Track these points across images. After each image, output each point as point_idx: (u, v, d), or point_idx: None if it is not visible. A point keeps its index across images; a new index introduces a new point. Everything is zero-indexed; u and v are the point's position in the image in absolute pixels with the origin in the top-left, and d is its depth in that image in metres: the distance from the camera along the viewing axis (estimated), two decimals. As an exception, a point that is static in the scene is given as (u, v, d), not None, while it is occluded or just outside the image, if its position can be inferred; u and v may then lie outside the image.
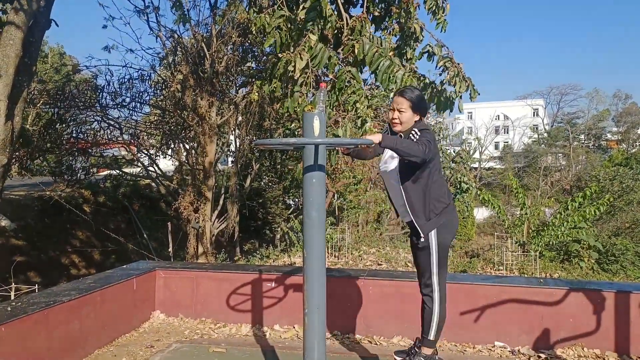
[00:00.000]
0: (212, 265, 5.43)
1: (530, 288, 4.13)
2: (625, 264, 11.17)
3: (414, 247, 2.80)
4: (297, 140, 2.27)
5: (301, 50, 3.80)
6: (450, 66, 4.26)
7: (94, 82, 12.53)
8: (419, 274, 2.82)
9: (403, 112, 2.73)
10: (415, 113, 2.75)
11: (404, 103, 2.73)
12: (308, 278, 2.36)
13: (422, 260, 2.75)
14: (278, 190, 17.55)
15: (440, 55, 4.31)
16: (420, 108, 2.76)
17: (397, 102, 2.76)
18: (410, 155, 2.50)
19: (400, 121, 2.74)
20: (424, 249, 2.72)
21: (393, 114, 2.77)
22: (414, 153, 2.48)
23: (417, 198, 2.66)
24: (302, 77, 3.99)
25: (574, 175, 35.98)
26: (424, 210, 2.65)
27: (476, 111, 55.11)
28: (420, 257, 2.76)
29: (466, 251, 14.07)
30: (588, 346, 3.87)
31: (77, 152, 12.45)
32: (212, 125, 10.49)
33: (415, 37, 4.38)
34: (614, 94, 57.38)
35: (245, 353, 3.85)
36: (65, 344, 3.47)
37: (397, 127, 2.77)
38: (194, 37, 10.60)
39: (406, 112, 2.73)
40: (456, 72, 4.24)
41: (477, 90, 4.35)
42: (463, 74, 4.26)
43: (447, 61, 4.29)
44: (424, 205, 2.65)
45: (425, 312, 2.76)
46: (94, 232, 13.56)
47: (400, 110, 2.73)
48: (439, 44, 4.37)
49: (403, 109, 2.73)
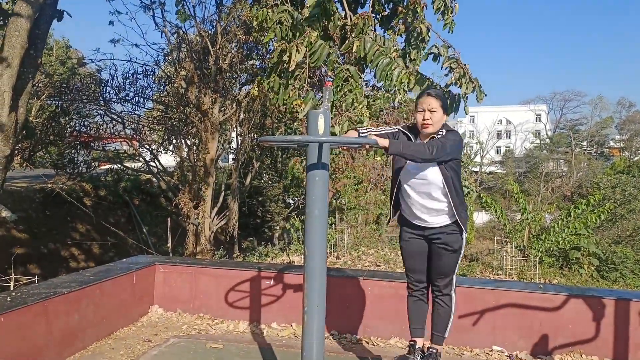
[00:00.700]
0: (212, 262, 5.44)
1: (529, 293, 4.12)
2: (624, 272, 11.16)
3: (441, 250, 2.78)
4: (302, 138, 2.28)
5: (299, 43, 3.79)
6: (456, 67, 4.19)
7: (98, 76, 12.56)
8: (431, 275, 2.85)
9: (435, 112, 2.67)
10: (444, 113, 2.72)
11: (435, 103, 2.67)
12: (308, 276, 2.36)
13: (450, 262, 2.79)
14: (278, 188, 17.56)
15: (446, 56, 4.26)
16: (446, 107, 2.76)
17: (428, 103, 2.68)
18: (418, 159, 2.52)
19: (432, 122, 2.68)
20: (457, 251, 2.77)
21: (424, 115, 2.69)
22: (421, 155, 2.50)
23: (459, 198, 2.70)
24: (298, 70, 3.97)
25: (575, 181, 35.95)
26: (464, 209, 2.71)
27: (478, 115, 55.06)
28: (449, 259, 2.79)
29: (465, 255, 14.06)
30: (586, 353, 3.86)
31: (79, 145, 12.49)
32: (215, 122, 10.50)
33: (421, 37, 4.35)
34: (617, 101, 57.32)
35: (242, 350, 3.85)
36: (64, 335, 3.47)
37: (429, 129, 2.70)
38: (199, 33, 10.61)
39: (438, 112, 2.68)
40: (462, 73, 4.18)
41: (484, 91, 4.30)
42: (469, 75, 4.19)
43: (452, 62, 4.23)
44: (463, 204, 2.71)
45: (443, 311, 2.82)
46: (94, 226, 13.57)
47: (432, 111, 2.67)
48: (445, 44, 4.32)
49: (435, 109, 2.67)
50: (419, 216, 2.82)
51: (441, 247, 2.80)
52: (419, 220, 2.82)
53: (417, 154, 2.50)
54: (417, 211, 2.80)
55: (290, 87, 4.15)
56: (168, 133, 12.57)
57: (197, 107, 10.50)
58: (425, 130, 2.72)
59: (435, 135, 2.68)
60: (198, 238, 10.85)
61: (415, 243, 2.86)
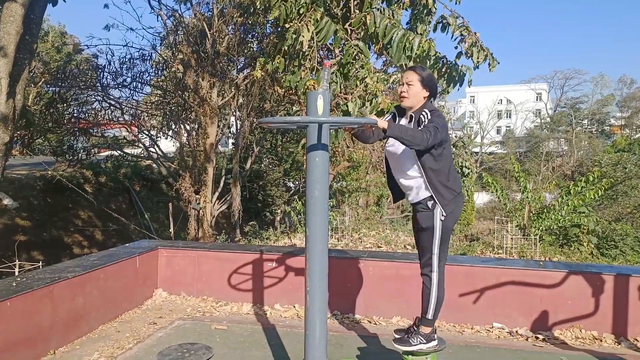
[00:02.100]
0: (214, 245, 5.47)
1: (529, 271, 4.16)
2: (624, 249, 11.22)
3: (419, 227, 2.80)
4: (301, 119, 2.27)
5: (307, 21, 3.73)
6: (467, 35, 4.09)
7: (94, 61, 12.44)
8: (420, 255, 2.85)
9: (411, 85, 2.74)
10: (424, 89, 2.75)
11: (413, 76, 2.76)
12: (310, 257, 2.37)
13: (425, 241, 2.77)
14: (278, 172, 17.57)
15: (455, 25, 4.14)
16: (430, 85, 2.76)
17: (406, 76, 2.79)
18: (414, 145, 2.53)
19: (408, 94, 2.75)
20: (427, 229, 2.73)
21: (401, 88, 2.79)
22: (417, 142, 2.51)
23: (436, 176, 2.70)
24: (307, 50, 3.92)
25: (575, 160, 35.92)
26: (445, 188, 2.69)
27: (478, 95, 54.71)
28: (423, 238, 2.78)
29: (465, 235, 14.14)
30: (586, 328, 3.92)
31: (78, 132, 12.42)
32: (213, 106, 10.44)
33: (427, 10, 4.26)
34: (619, 78, 56.96)
35: (246, 330, 3.90)
36: (69, 318, 3.52)
37: (405, 102, 2.78)
38: (195, 16, 10.48)
39: (414, 86, 2.74)
40: (473, 41, 4.08)
41: (496, 59, 4.17)
42: (481, 43, 4.09)
43: (463, 30, 4.11)
44: (443, 183, 2.69)
45: (425, 292, 2.79)
46: (96, 212, 13.62)
47: (409, 84, 2.74)
48: (453, 14, 4.19)
49: (412, 82, 2.74)
50: (403, 189, 2.90)
51: (416, 224, 2.85)
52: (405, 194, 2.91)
53: (414, 140, 2.50)
54: (400, 183, 2.89)
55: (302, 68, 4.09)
56: (167, 118, 12.50)
57: (195, 92, 10.43)
58: (402, 102, 2.80)
59: (422, 114, 2.67)
60: (200, 223, 10.88)
61: (413, 218, 2.90)
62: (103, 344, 3.53)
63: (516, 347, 3.68)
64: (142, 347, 3.48)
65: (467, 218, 21.16)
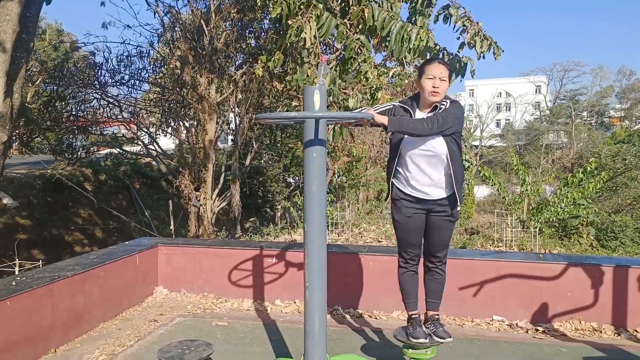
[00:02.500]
0: (214, 242, 5.48)
1: (528, 263, 4.17)
2: (624, 241, 11.24)
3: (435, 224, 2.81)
4: (298, 114, 2.26)
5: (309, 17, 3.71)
6: (470, 25, 4.05)
7: (92, 59, 12.40)
8: (430, 248, 2.88)
9: (444, 81, 2.65)
10: (449, 81, 2.72)
11: (445, 72, 2.65)
12: (309, 252, 2.37)
13: (450, 232, 2.87)
14: (278, 168, 17.56)
15: (457, 15, 4.08)
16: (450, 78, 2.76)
17: (440, 71, 2.64)
18: (417, 135, 2.54)
19: (441, 90, 2.66)
20: (452, 222, 2.82)
21: (434, 82, 2.65)
22: (419, 132, 2.53)
23: (460, 171, 2.72)
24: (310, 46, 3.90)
25: (575, 152, 35.89)
26: (463, 183, 2.73)
27: (477, 88, 54.61)
28: (442, 233, 2.84)
29: (465, 228, 14.14)
30: (585, 320, 3.93)
31: (77, 130, 12.42)
32: (212, 103, 10.42)
33: (427, 1, 4.22)
34: (618, 70, 56.77)
35: (247, 327, 3.91)
36: (70, 317, 3.53)
37: (437, 97, 2.67)
38: (192, 12, 10.44)
39: (446, 82, 2.66)
40: (476, 31, 4.03)
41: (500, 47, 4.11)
42: (484, 32, 4.04)
43: (465, 20, 4.07)
44: (463, 178, 2.73)
45: (442, 279, 2.92)
46: (96, 210, 13.63)
47: (442, 79, 2.64)
48: (454, 4, 4.14)
49: (444, 78, 2.65)
50: (421, 189, 2.79)
51: (444, 219, 2.82)
52: (421, 193, 2.80)
53: (417, 131, 2.52)
54: (420, 183, 2.78)
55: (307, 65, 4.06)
56: (165, 115, 12.49)
57: (194, 88, 10.41)
58: (433, 98, 2.68)
59: (438, 105, 2.66)
60: (200, 220, 10.90)
61: (418, 218, 2.83)
62: (104, 341, 3.54)
63: (516, 340, 3.69)
64: (143, 345, 3.49)
65: (467, 211, 21.17)
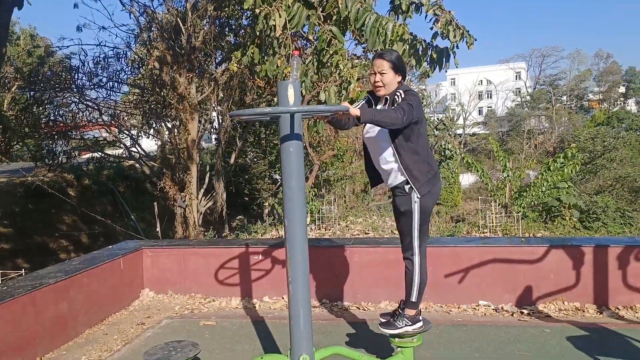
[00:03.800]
0: (199, 242, 5.45)
1: (512, 247, 4.23)
2: (606, 221, 11.46)
3: (398, 211, 2.82)
4: (272, 110, 2.25)
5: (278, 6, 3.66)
6: (441, 13, 4.02)
7: (68, 62, 12.20)
8: (402, 239, 2.86)
9: (385, 74, 2.71)
10: (397, 74, 2.74)
11: (384, 65, 2.71)
12: (290, 247, 2.37)
13: (405, 225, 2.79)
14: (263, 165, 17.50)
15: (428, 4, 4.04)
16: (401, 69, 2.76)
17: (377, 65, 2.73)
18: (389, 125, 2.53)
19: (383, 84, 2.73)
20: (406, 213, 2.75)
21: (375, 77, 2.74)
22: (392, 121, 2.51)
23: (411, 158, 2.70)
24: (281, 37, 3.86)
25: (557, 137, 36.42)
26: (419, 170, 2.69)
27: (459, 77, 54.93)
28: (403, 221, 2.80)
29: (452, 216, 14.29)
30: (569, 300, 4.00)
31: (56, 135, 12.22)
32: (192, 102, 10.32)
33: None
34: (595, 53, 57.50)
35: (235, 325, 3.91)
36: (55, 324, 3.48)
37: (381, 91, 2.75)
38: (168, 11, 10.31)
39: (388, 74, 2.71)
40: (448, 20, 4.01)
41: (473, 36, 4.09)
42: (456, 21, 4.02)
43: (436, 8, 4.04)
44: (418, 165, 2.69)
45: (407, 275, 2.81)
46: (80, 216, 13.45)
47: (382, 73, 2.71)
48: None
49: (384, 71, 2.71)
50: (382, 173, 2.88)
51: (395, 208, 2.85)
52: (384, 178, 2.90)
53: (389, 120, 2.51)
54: (379, 167, 2.87)
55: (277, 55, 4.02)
56: (147, 117, 12.35)
57: (174, 88, 10.30)
58: (377, 92, 2.77)
59: (396, 95, 2.68)
60: (186, 220, 10.83)
61: (393, 203, 2.91)
62: (90, 347, 3.50)
63: (502, 323, 3.75)
64: (130, 348, 3.47)
65: (453, 199, 21.37)
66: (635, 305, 3.86)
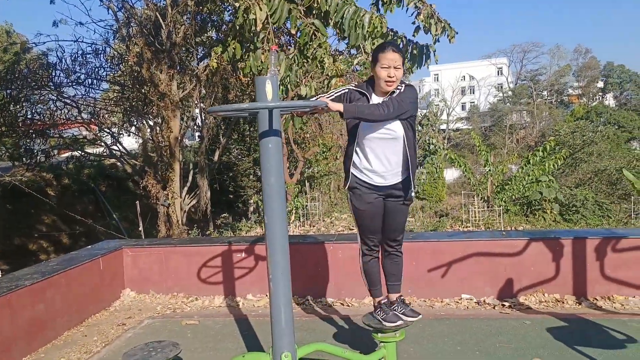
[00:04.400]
0: (181, 240, 5.38)
1: (494, 241, 4.27)
2: (585, 214, 11.67)
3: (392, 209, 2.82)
4: (250, 105, 2.22)
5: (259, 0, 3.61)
6: (422, 6, 3.96)
7: (45, 59, 11.92)
8: (390, 233, 2.87)
9: (399, 69, 2.59)
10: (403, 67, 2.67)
11: (399, 59, 2.59)
12: (270, 244, 2.35)
13: (403, 218, 2.87)
14: (248, 162, 17.39)
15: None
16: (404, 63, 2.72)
17: (395, 59, 2.57)
18: (374, 120, 2.51)
19: (396, 79, 2.61)
20: (407, 206, 2.83)
21: (390, 72, 2.59)
22: (377, 118, 2.48)
23: (415, 154, 2.73)
24: (263, 31, 3.81)
25: (538, 131, 36.95)
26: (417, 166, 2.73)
27: (442, 73, 55.29)
28: (398, 218, 2.84)
29: (435, 211, 14.41)
30: (548, 292, 4.06)
31: (34, 134, 11.94)
32: (174, 99, 10.19)
33: None
34: (574, 49, 58.50)
35: (218, 324, 3.87)
36: (32, 327, 3.41)
37: (393, 86, 2.62)
38: (147, 6, 10.15)
39: (401, 69, 2.61)
40: (429, 12, 3.95)
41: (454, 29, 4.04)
42: (437, 14, 3.98)
43: (417, 1, 3.98)
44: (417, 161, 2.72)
45: (401, 260, 2.93)
46: (61, 216, 13.21)
47: (397, 68, 2.58)
48: None
49: (399, 66, 2.58)
50: (379, 175, 2.77)
51: (400, 203, 2.83)
52: (380, 178, 2.77)
53: (374, 117, 2.48)
54: (378, 168, 2.75)
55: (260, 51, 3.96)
56: (128, 114, 12.15)
57: (155, 85, 10.14)
58: (388, 87, 2.64)
59: (397, 89, 2.64)
60: (170, 219, 10.70)
61: (378, 204, 2.82)
62: (69, 349, 3.44)
63: (484, 316, 3.79)
64: (111, 349, 3.41)
65: (438, 194, 21.55)
66: (613, 296, 3.94)
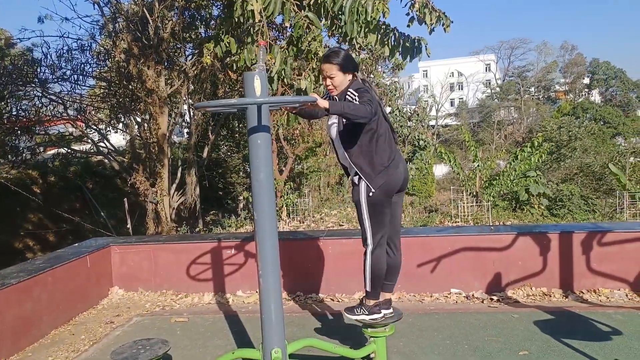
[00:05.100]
0: (169, 237, 5.35)
1: (482, 236, 4.31)
2: (572, 208, 11.82)
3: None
4: (238, 101, 2.20)
5: None
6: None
7: (30, 55, 11.72)
8: None
9: (334, 77, 2.75)
10: (346, 73, 2.77)
11: (332, 69, 2.74)
12: (260, 240, 2.34)
13: (358, 216, 2.85)
14: (238, 159, 17.32)
15: None
16: (350, 67, 2.77)
17: (326, 70, 2.77)
18: (358, 117, 2.54)
19: (334, 86, 2.78)
20: (356, 204, 2.79)
21: (325, 82, 2.80)
22: (361, 114, 2.52)
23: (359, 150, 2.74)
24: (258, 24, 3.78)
25: (525, 127, 37.29)
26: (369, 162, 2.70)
27: (431, 69, 55.54)
28: (357, 213, 2.85)
29: (425, 207, 14.48)
30: (536, 285, 4.11)
31: (19, 130, 11.75)
32: (162, 95, 10.09)
33: None
34: (561, 45, 58.97)
35: (207, 321, 3.86)
36: (18, 326, 3.36)
37: (334, 93, 2.81)
38: (134, 2, 10.02)
39: (337, 76, 2.76)
40: (424, 2, 3.97)
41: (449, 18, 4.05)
42: (432, 4, 4.00)
43: None
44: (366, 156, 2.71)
45: (363, 265, 2.83)
46: (47, 214, 13.03)
47: (331, 77, 2.76)
48: None
49: (333, 74, 2.75)
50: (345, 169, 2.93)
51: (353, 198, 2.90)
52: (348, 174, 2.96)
53: (359, 113, 2.52)
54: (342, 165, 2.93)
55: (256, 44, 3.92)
56: (115, 111, 12.01)
57: (142, 81, 10.03)
58: (332, 94, 2.82)
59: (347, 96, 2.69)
60: (158, 216, 10.62)
61: None
62: (57, 348, 3.40)
63: (472, 310, 3.82)
64: (99, 348, 3.38)
65: (427, 190, 21.67)
66: (598, 289, 4.00)
